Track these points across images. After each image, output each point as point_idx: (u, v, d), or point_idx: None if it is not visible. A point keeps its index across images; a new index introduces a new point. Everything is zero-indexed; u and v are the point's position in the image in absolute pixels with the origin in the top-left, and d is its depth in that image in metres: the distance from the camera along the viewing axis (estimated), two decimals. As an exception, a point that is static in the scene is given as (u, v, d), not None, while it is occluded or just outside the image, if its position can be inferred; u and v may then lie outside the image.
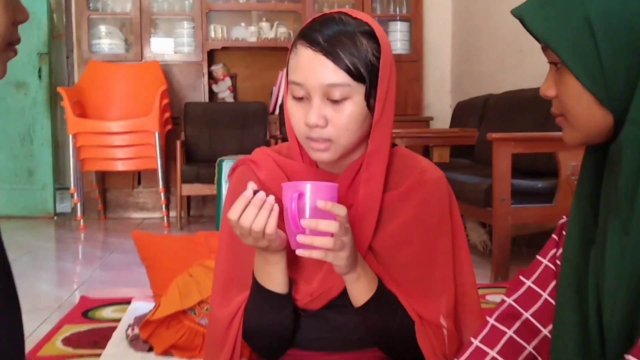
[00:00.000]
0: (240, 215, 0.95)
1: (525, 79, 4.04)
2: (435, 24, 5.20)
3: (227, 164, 3.79)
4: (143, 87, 4.58)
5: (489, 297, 2.45)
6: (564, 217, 0.96)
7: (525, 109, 3.61)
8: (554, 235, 0.97)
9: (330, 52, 0.98)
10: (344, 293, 1.06)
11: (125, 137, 4.28)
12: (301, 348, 1.12)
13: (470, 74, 5.00)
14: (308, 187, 0.93)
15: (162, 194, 4.43)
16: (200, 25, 4.83)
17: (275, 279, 1.04)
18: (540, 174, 3.04)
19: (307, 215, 0.92)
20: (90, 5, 4.82)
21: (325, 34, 0.99)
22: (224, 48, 4.94)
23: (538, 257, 0.98)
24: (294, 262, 1.06)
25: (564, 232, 0.94)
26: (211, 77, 5.00)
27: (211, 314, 1.14)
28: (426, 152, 4.03)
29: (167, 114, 4.54)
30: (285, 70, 1.07)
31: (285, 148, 1.15)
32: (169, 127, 4.58)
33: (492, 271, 2.78)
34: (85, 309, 2.31)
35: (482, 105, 4.30)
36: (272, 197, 0.96)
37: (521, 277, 0.99)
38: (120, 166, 4.37)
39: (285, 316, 1.07)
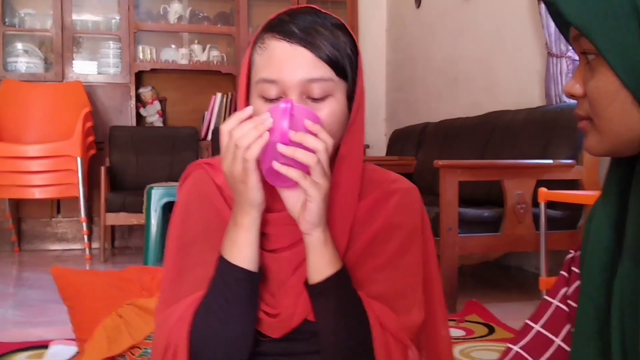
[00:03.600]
0: (235, 128, 0.86)
1: (460, 108, 4.05)
2: (370, 53, 5.17)
3: (156, 192, 3.57)
4: (64, 109, 4.28)
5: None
6: (572, 250, 0.84)
7: (464, 137, 3.60)
8: (562, 272, 0.85)
9: (309, 42, 0.88)
10: (304, 332, 0.93)
11: (44, 162, 3.97)
12: None
13: (405, 103, 4.99)
14: (295, 104, 0.85)
15: (84, 224, 4.12)
16: (127, 45, 4.60)
17: (243, 249, 0.89)
18: (480, 202, 2.99)
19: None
20: (6, 20, 4.51)
21: (300, 25, 0.89)
22: (152, 70, 4.72)
23: (546, 297, 0.85)
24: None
25: (573, 268, 0.82)
26: (139, 100, 4.76)
27: (155, 323, 0.97)
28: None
29: (91, 138, 4.26)
30: (245, 69, 0.94)
31: None
32: (92, 152, 4.30)
33: (438, 303, 2.67)
34: (-5, 356, 2.03)
35: (419, 133, 4.28)
36: (270, 120, 0.84)
37: (528, 322, 0.85)
38: (37, 194, 4.04)
39: (249, 305, 0.91)
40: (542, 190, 2.48)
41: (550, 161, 2.75)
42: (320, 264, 0.89)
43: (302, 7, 0.94)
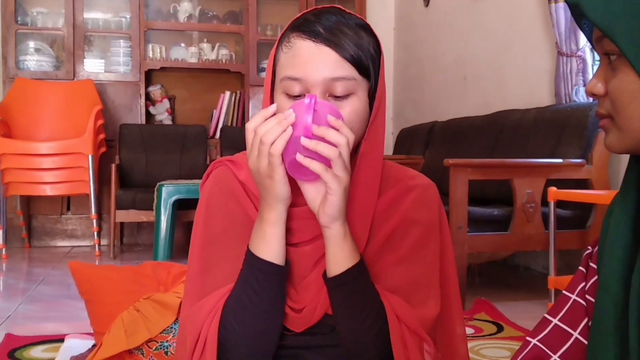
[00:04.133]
0: (259, 125, 0.88)
1: (468, 107, 4.06)
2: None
3: (166, 189, 3.60)
4: (75, 107, 4.32)
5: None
6: (589, 247, 0.87)
7: (472, 136, 3.61)
8: (580, 268, 0.87)
9: (333, 41, 0.90)
10: (325, 326, 0.95)
11: (56, 160, 4.00)
12: None
13: (413, 102, 5.00)
14: (318, 100, 0.88)
15: (94, 221, 4.16)
16: (137, 44, 4.63)
17: (270, 243, 0.92)
18: (489, 201, 3.00)
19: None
20: (19, 19, 4.54)
21: (325, 24, 0.91)
22: (162, 68, 4.76)
23: (564, 292, 0.87)
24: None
25: (591, 264, 0.85)
26: (148, 99, 4.79)
27: (182, 317, 1.00)
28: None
29: (102, 136, 4.29)
30: (270, 66, 0.97)
31: None
32: (102, 149, 4.33)
33: (447, 301, 2.69)
34: (12, 349, 2.05)
35: (427, 132, 4.29)
36: (293, 115, 0.87)
37: (547, 316, 0.88)
38: (48, 190, 4.07)
39: (277, 298, 0.94)
40: (552, 189, 2.49)
41: (560, 160, 2.76)
42: (339, 257, 0.91)
43: (326, 7, 0.96)
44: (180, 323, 1.03)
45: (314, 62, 0.90)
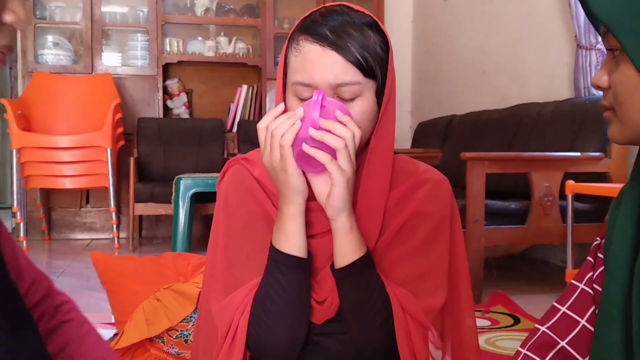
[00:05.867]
0: (270, 122, 0.93)
1: (487, 100, 4.04)
2: (396, 45, 5.09)
3: (184, 182, 3.63)
4: (94, 101, 4.36)
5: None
6: (598, 238, 0.89)
7: (490, 130, 3.59)
8: (589, 258, 0.90)
9: (339, 45, 0.92)
10: (338, 313, 0.98)
11: (75, 153, 4.04)
12: None
13: (431, 95, 4.99)
14: (327, 98, 0.92)
15: (114, 214, 4.20)
16: (155, 37, 4.66)
17: (292, 238, 0.95)
18: (507, 194, 2.99)
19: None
20: (37, 13, 4.59)
21: (331, 26, 0.93)
22: (179, 62, 4.78)
23: (573, 281, 0.90)
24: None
25: (598, 254, 0.88)
26: (166, 92, 4.82)
27: (204, 312, 1.03)
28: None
29: (120, 130, 4.33)
30: (281, 67, 1.00)
31: None
32: (121, 143, 4.37)
33: (464, 294, 2.69)
34: (34, 338, 2.09)
35: (445, 126, 4.28)
36: (301, 110, 0.91)
37: (555, 304, 0.91)
38: (68, 184, 4.12)
39: (303, 290, 0.96)
40: (570, 182, 2.48)
41: (578, 154, 2.75)
42: (346, 249, 0.94)
43: (334, 6, 0.97)
44: (199, 314, 1.06)
45: (321, 67, 0.92)
